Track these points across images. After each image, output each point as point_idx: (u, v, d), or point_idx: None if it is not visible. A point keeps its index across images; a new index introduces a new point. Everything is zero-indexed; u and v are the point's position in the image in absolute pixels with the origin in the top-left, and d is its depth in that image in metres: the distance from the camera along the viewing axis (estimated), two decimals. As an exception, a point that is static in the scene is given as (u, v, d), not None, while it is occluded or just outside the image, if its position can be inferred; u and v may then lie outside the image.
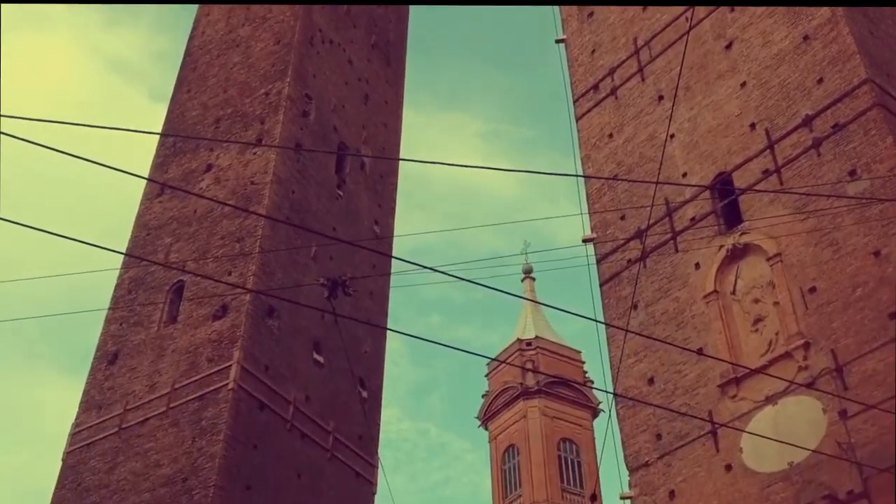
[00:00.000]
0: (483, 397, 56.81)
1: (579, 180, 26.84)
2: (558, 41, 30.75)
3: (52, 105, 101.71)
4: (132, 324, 32.86)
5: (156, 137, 38.85)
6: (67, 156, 10.63)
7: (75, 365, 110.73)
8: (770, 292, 21.05)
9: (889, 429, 17.03)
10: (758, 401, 19.95)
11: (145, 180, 36.58)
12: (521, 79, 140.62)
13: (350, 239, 35.28)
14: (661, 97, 25.95)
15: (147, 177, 34.53)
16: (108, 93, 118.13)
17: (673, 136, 24.74)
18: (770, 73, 23.34)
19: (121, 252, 17.75)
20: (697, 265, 22.75)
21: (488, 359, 46.26)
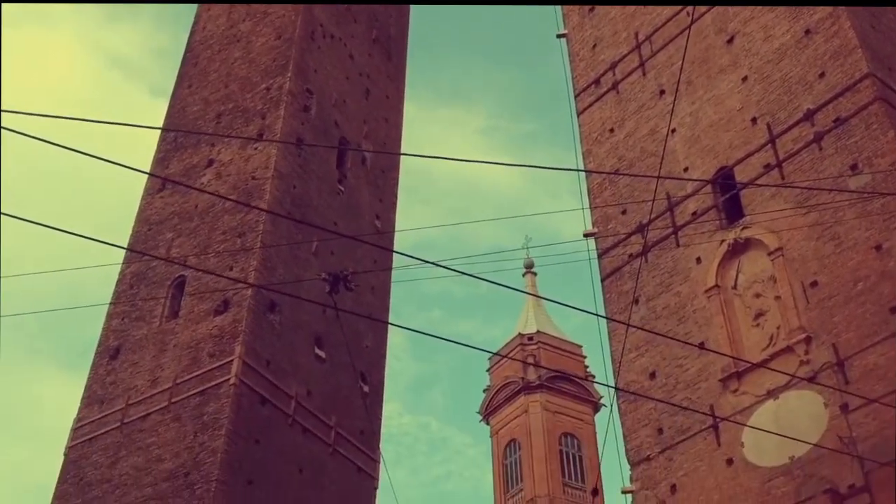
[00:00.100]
0: (484, 392, 56.79)
1: (580, 175, 26.86)
2: (559, 36, 30.71)
3: (53, 101, 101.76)
4: (134, 319, 32.90)
5: (157, 133, 38.84)
6: (69, 151, 10.62)
7: (74, 360, 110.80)
8: (771, 287, 21.05)
9: (890, 423, 17.03)
10: (759, 395, 19.96)
11: (146, 175, 36.57)
12: (522, 74, 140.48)
13: (351, 234, 35.28)
14: (663, 92, 25.92)
15: (148, 172, 34.50)
16: (109, 88, 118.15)
17: (674, 130, 24.72)
18: (771, 67, 23.31)
19: (123, 247, 17.74)
20: (699, 260, 22.74)
21: (490, 353, 46.32)
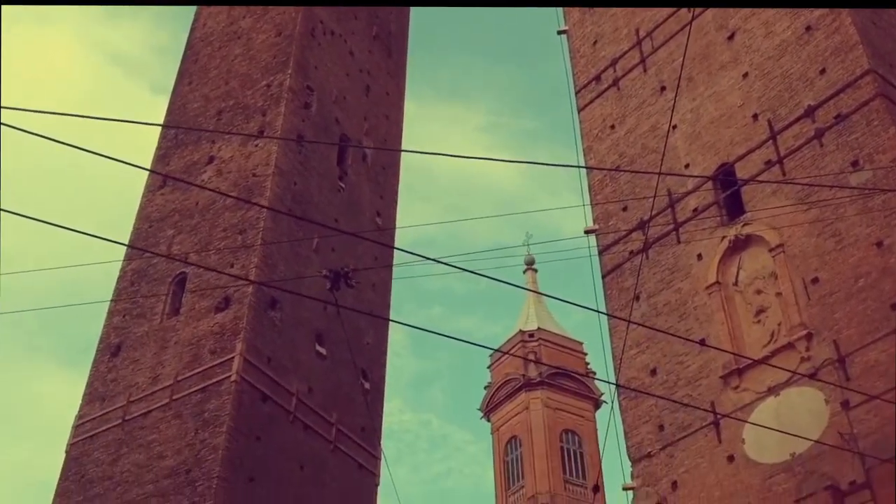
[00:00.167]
0: (485, 389, 56.80)
1: (581, 172, 26.84)
2: (560, 32, 30.70)
3: (53, 98, 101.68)
4: (135, 316, 32.91)
5: (157, 130, 38.85)
6: (70, 148, 10.60)
7: (76, 358, 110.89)
8: (772, 283, 21.04)
9: (891, 419, 17.02)
10: (760, 392, 19.96)
11: (147, 172, 36.60)
12: (522, 70, 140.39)
13: (352, 230, 35.28)
14: (664, 88, 25.90)
15: (149, 168, 34.51)
16: (109, 86, 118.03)
17: (675, 126, 24.70)
18: (772, 63, 23.29)
19: (124, 244, 17.69)
20: (700, 256, 22.73)
21: (491, 350, 46.16)
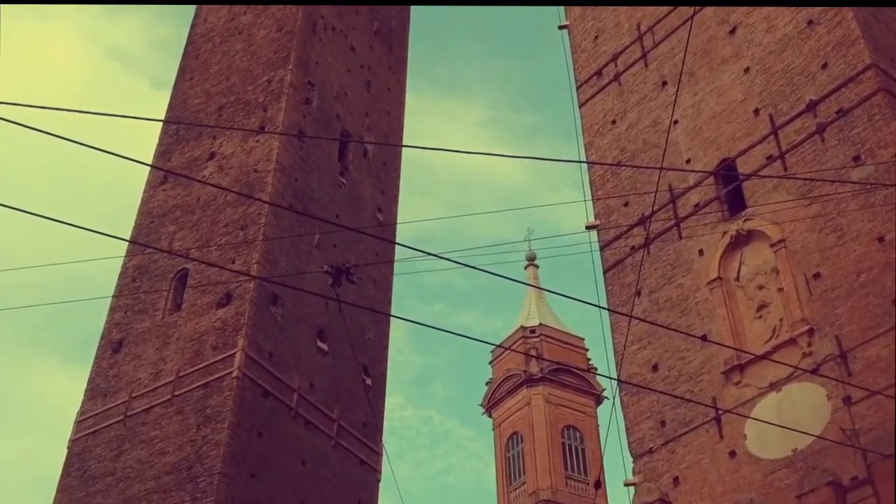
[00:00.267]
0: (487, 385, 56.79)
1: (582, 167, 26.79)
2: (561, 27, 30.65)
3: (54, 94, 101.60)
4: (137, 312, 32.92)
5: (158, 126, 38.85)
6: (72, 143, 10.59)
7: (78, 353, 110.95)
8: (774, 278, 21.01)
9: (893, 415, 16.99)
10: (762, 387, 19.94)
11: (148, 167, 36.60)
12: (523, 65, 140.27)
13: (353, 226, 35.25)
14: (665, 83, 25.86)
15: (151, 164, 34.51)
16: (110, 81, 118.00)
17: (676, 122, 24.66)
18: (774, 58, 23.24)
19: (125, 239, 17.70)
20: (701, 252, 22.71)
21: (492, 346, 46.11)
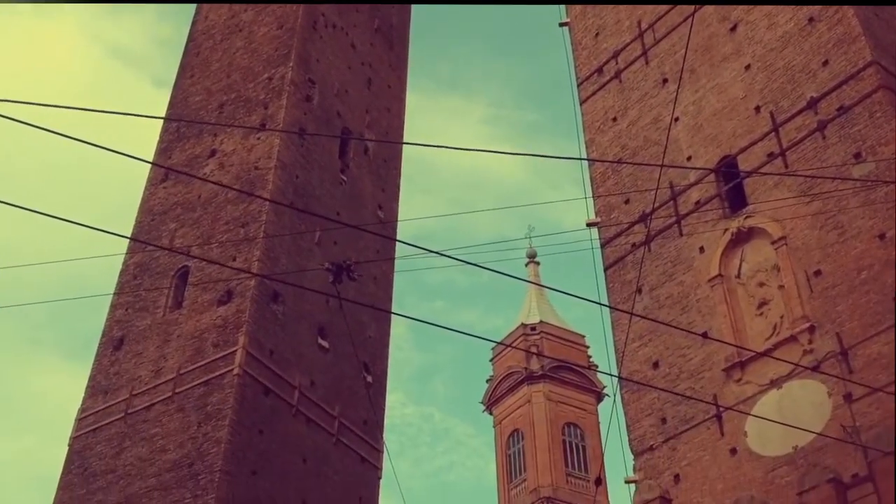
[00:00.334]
0: (487, 382, 56.79)
1: (583, 164, 26.80)
2: (562, 24, 30.64)
3: (56, 92, 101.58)
4: (137, 309, 32.93)
5: (159, 123, 38.83)
6: (72, 141, 10.58)
7: (78, 351, 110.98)
8: (775, 276, 21.01)
9: (894, 412, 17.00)
10: (763, 384, 19.94)
11: (150, 164, 36.60)
12: (524, 62, 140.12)
13: (354, 223, 35.26)
14: (666, 80, 25.84)
15: (152, 161, 34.51)
16: (111, 78, 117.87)
17: (677, 119, 24.65)
18: (775, 55, 23.22)
19: (126, 237, 17.68)
20: (702, 249, 22.71)
21: (493, 343, 46.06)
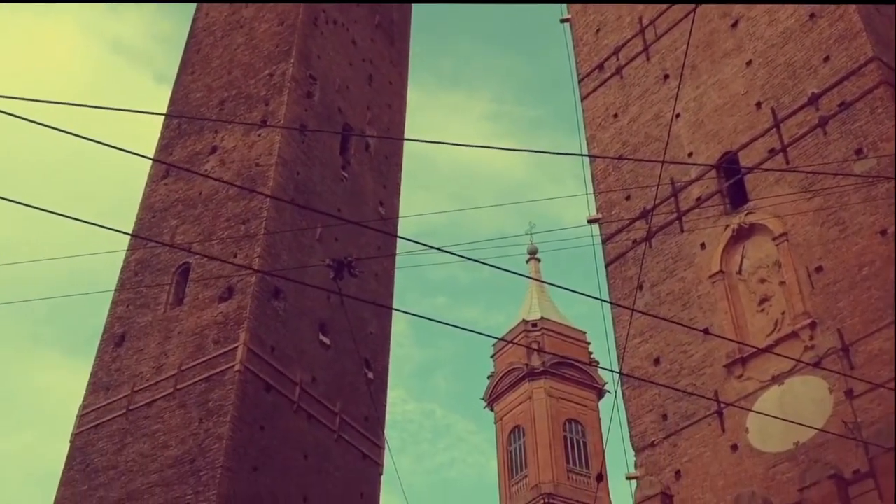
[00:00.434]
0: (488, 378, 56.80)
1: (584, 160, 26.78)
2: (563, 20, 30.62)
3: (57, 88, 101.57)
4: (139, 306, 32.96)
5: (160, 120, 38.82)
6: (74, 137, 10.58)
7: (79, 347, 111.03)
8: (776, 272, 21.00)
9: (895, 408, 17.00)
10: (764, 381, 19.94)
11: (151, 161, 36.60)
12: (525, 58, 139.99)
13: (355, 220, 35.27)
14: (667, 76, 25.82)
15: (153, 157, 34.50)
16: (112, 75, 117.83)
17: (678, 115, 24.63)
18: (776, 51, 23.20)
19: (128, 233, 17.65)
20: (703, 245, 22.70)
21: (494, 339, 46.00)
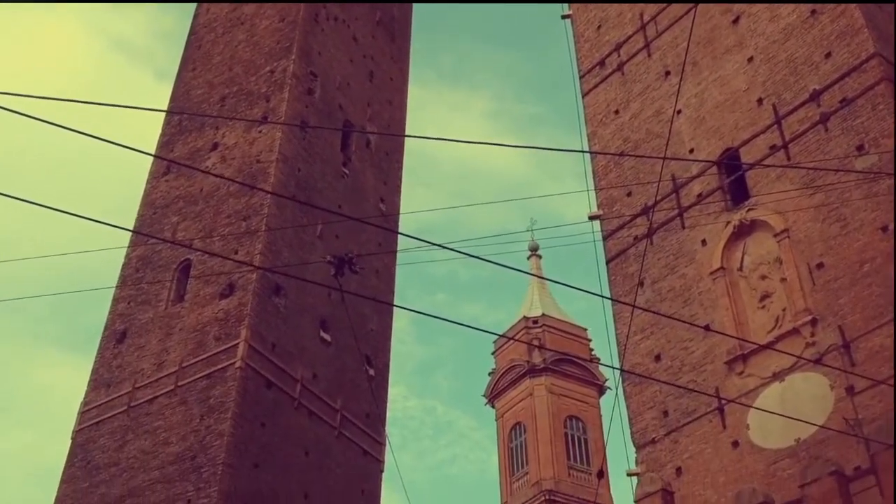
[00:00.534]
0: (489, 375, 56.80)
1: (585, 157, 26.76)
2: (564, 17, 30.59)
3: (57, 84, 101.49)
4: (140, 302, 32.97)
5: (161, 117, 38.84)
6: (75, 134, 10.57)
7: (80, 344, 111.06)
8: (777, 268, 20.99)
9: None
10: (765, 377, 19.94)
11: (152, 158, 36.60)
12: (526, 55, 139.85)
13: (356, 216, 35.25)
14: (668, 72, 25.80)
15: (154, 154, 34.49)
16: (113, 72, 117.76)
17: (680, 111, 24.60)
18: (777, 47, 23.17)
19: (129, 229, 17.64)
20: (704, 242, 22.68)
21: (495, 336, 45.99)
